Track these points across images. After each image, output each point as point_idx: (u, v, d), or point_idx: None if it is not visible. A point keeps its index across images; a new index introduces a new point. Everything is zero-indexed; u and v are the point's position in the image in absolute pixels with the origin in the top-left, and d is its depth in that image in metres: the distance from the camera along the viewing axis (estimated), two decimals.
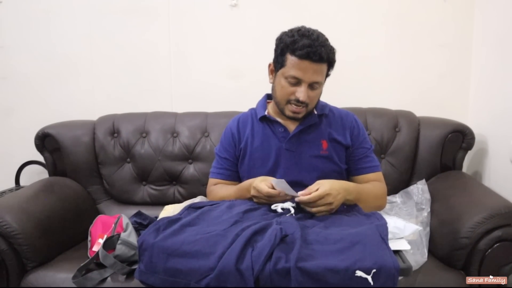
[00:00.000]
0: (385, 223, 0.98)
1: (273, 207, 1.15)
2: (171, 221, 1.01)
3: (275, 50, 1.29)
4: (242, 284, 0.84)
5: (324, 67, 1.24)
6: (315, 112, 1.37)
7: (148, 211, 1.68)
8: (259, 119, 1.40)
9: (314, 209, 1.13)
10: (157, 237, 0.95)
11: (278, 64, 1.28)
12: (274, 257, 0.87)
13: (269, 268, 0.86)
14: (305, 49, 1.19)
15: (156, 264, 0.92)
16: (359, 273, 0.82)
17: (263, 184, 1.18)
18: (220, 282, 0.85)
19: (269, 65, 1.35)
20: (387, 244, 0.90)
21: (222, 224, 1.00)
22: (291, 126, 1.37)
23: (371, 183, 1.36)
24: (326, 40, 1.25)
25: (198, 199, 1.28)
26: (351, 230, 0.96)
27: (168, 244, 0.92)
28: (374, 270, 0.82)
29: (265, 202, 1.19)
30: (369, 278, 0.82)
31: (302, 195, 1.12)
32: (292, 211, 1.11)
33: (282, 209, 1.11)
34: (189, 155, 1.88)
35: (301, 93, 1.24)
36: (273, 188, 1.16)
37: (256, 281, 0.85)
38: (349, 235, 0.93)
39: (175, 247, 0.91)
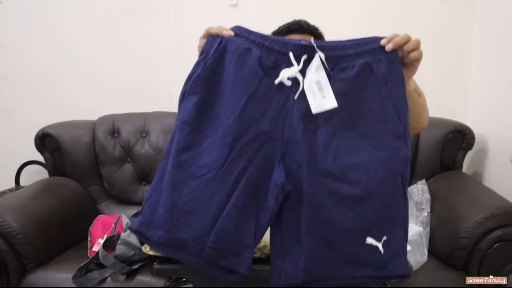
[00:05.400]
0: (409, 157, 0.80)
1: (279, 79, 0.80)
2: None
3: None
4: (240, 250, 0.76)
5: None
6: None
7: None
8: None
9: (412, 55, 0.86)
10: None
11: None
12: (283, 224, 0.78)
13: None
14: None
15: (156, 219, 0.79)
16: (369, 240, 0.77)
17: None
18: (220, 243, 0.76)
19: None
20: (405, 196, 0.79)
21: (216, 154, 0.79)
22: None
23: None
24: None
25: None
26: (372, 158, 0.79)
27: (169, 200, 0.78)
28: (385, 238, 0.77)
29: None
30: (380, 245, 0.77)
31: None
32: (301, 84, 0.79)
33: (289, 78, 0.80)
34: None
35: None
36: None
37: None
38: (367, 176, 0.78)
39: (174, 202, 0.78)
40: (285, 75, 0.79)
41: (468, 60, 1.99)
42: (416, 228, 1.00)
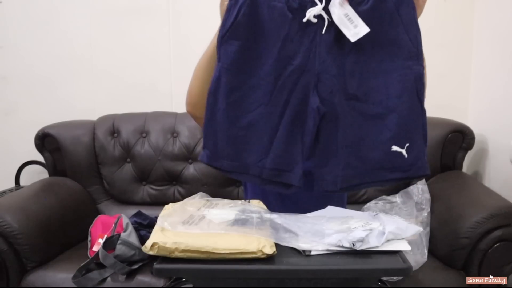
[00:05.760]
0: (422, 73, 0.92)
1: (306, 17, 0.90)
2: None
3: None
4: (292, 167, 0.90)
5: None
6: None
7: (148, 211, 1.68)
8: None
9: None
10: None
11: None
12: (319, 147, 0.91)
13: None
14: None
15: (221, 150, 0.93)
16: (394, 147, 0.90)
17: None
18: (276, 163, 0.91)
19: None
20: (422, 107, 0.92)
21: (262, 91, 0.92)
22: None
23: None
24: None
25: (198, 196, 1.27)
26: (389, 79, 0.91)
27: (229, 131, 0.92)
28: (408, 145, 0.89)
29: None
30: (404, 151, 0.89)
31: None
32: (326, 20, 0.89)
33: (315, 16, 0.88)
34: (189, 155, 1.88)
35: None
36: None
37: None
38: (387, 95, 0.91)
39: (234, 134, 0.92)
40: (311, 13, 0.88)
41: (468, 60, 1.99)
42: (416, 228, 0.99)
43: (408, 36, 0.93)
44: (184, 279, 1.07)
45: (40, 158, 1.99)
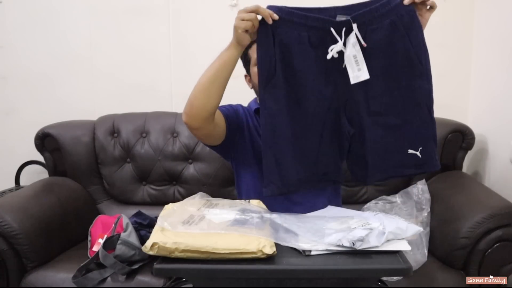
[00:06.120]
0: (431, 90, 1.07)
1: (330, 55, 1.02)
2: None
3: None
4: (334, 169, 1.13)
5: None
6: None
7: (148, 211, 1.68)
8: (254, 111, 1.36)
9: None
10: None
11: None
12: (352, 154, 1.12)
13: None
14: None
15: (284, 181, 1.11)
16: (410, 151, 1.07)
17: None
18: (323, 169, 1.13)
19: None
20: (431, 118, 1.08)
21: (303, 123, 1.10)
22: None
23: None
24: None
25: (198, 196, 1.27)
26: (404, 97, 1.06)
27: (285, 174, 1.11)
28: (421, 148, 1.07)
29: (244, 26, 1.01)
30: (418, 153, 1.07)
31: None
32: (345, 53, 1.02)
33: (337, 52, 1.00)
34: (189, 155, 1.88)
35: None
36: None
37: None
38: (402, 110, 1.07)
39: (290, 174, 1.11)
40: (334, 51, 1.01)
41: (468, 60, 1.99)
42: (416, 228, 0.99)
43: (418, 59, 1.04)
44: (184, 279, 1.07)
45: (40, 158, 1.99)
